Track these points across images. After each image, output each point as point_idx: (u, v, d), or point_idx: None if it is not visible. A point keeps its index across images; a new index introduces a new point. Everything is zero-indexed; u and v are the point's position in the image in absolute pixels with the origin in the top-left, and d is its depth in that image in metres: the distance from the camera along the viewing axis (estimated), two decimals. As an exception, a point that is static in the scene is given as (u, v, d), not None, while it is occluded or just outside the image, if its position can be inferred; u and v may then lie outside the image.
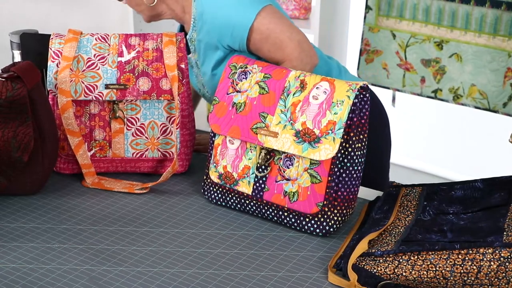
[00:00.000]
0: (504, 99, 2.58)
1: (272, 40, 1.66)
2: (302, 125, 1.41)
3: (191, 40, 1.76)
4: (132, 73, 1.60)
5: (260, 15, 1.66)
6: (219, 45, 1.71)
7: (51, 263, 1.33)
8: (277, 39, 1.66)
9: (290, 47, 1.66)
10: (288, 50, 1.66)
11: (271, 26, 1.66)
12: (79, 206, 1.54)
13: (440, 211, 1.41)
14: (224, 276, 1.30)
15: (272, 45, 1.67)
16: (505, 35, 2.52)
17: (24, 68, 1.50)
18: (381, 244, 1.31)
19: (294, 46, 1.66)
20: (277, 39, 1.66)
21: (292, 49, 1.66)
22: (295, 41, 1.67)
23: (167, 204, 1.55)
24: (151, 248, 1.38)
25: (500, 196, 1.40)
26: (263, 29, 1.66)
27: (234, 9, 1.66)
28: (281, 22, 1.68)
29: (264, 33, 1.66)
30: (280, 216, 1.46)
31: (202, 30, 1.71)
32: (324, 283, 1.29)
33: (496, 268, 1.19)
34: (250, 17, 1.65)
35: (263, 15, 1.66)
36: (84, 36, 1.64)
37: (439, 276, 1.22)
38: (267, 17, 1.66)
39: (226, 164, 1.50)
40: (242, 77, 1.50)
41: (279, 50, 1.67)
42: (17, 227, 1.45)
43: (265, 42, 1.67)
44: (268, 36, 1.66)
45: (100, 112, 1.63)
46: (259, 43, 1.67)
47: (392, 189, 1.54)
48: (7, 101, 1.47)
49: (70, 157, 1.64)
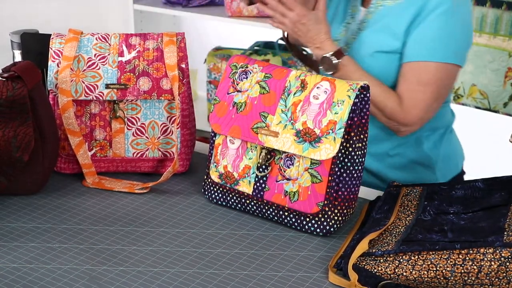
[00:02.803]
0: (505, 99, 2.58)
1: (418, 86, 1.64)
2: (303, 124, 1.41)
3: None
4: (132, 72, 1.60)
5: (444, 64, 1.63)
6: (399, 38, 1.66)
7: (52, 263, 1.33)
8: (420, 92, 1.64)
9: (418, 107, 1.65)
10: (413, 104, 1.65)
11: (434, 81, 1.64)
12: (79, 205, 1.54)
13: (440, 211, 1.41)
14: (225, 276, 1.30)
15: (414, 85, 1.64)
16: (506, 35, 2.52)
17: (25, 68, 1.50)
18: (382, 244, 1.31)
19: (421, 108, 1.65)
20: (420, 92, 1.64)
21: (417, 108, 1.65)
22: (428, 106, 1.65)
23: (167, 203, 1.55)
24: (151, 248, 1.38)
25: (500, 196, 1.40)
26: (429, 76, 1.64)
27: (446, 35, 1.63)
28: (441, 89, 1.66)
29: (423, 76, 1.64)
30: (281, 216, 1.46)
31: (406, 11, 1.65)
32: (324, 283, 1.29)
33: (497, 268, 1.18)
34: (440, 55, 1.63)
35: (443, 67, 1.64)
36: (84, 36, 1.64)
37: (440, 276, 1.22)
38: (442, 73, 1.64)
39: (227, 164, 1.50)
40: (242, 76, 1.50)
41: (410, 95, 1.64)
42: (18, 227, 1.45)
43: (413, 78, 1.64)
44: (421, 81, 1.64)
45: (101, 112, 1.63)
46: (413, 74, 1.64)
47: (393, 189, 1.54)
48: (7, 101, 1.47)
49: (70, 156, 1.64)
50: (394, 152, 1.79)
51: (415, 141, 1.79)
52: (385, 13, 1.71)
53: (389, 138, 1.77)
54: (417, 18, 1.65)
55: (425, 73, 1.65)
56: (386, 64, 1.70)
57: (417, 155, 1.79)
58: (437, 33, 1.64)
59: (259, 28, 3.02)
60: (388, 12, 1.70)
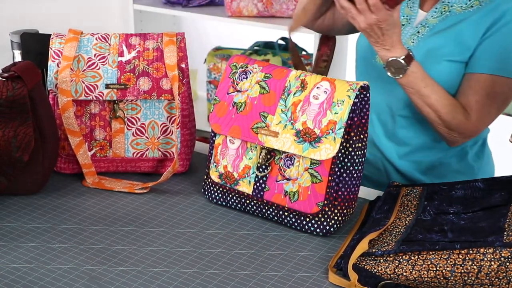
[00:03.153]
0: (505, 99, 2.57)
1: (487, 99, 1.59)
2: (303, 124, 1.41)
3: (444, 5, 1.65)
4: (132, 72, 1.60)
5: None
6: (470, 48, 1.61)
7: (52, 263, 1.33)
8: (487, 105, 1.59)
9: (485, 121, 1.62)
10: (481, 117, 1.61)
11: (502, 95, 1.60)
12: (79, 205, 1.54)
13: (440, 211, 1.41)
14: (225, 276, 1.30)
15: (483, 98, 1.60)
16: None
17: (25, 68, 1.50)
18: (382, 244, 1.31)
19: (487, 122, 1.63)
20: (487, 105, 1.59)
21: (483, 122, 1.62)
22: (492, 120, 1.63)
23: (167, 203, 1.55)
24: (151, 248, 1.38)
25: (500, 196, 1.40)
26: (499, 90, 1.59)
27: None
28: (506, 103, 1.63)
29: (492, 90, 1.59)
30: (281, 216, 1.46)
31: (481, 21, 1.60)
32: (324, 283, 1.29)
33: (497, 268, 1.18)
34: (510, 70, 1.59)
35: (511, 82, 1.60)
36: (84, 36, 1.64)
37: (440, 276, 1.22)
38: (510, 88, 1.61)
39: (227, 164, 1.50)
40: (242, 76, 1.50)
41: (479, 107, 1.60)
42: (18, 227, 1.45)
43: (483, 91, 1.59)
44: (490, 94, 1.59)
45: (101, 112, 1.63)
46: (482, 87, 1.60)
47: (393, 189, 1.54)
48: (7, 101, 1.47)
49: (70, 156, 1.64)
50: (439, 162, 1.75)
51: (461, 152, 1.76)
52: (454, 19, 1.64)
53: (435, 147, 1.74)
54: (491, 28, 1.60)
55: (495, 87, 1.59)
56: (451, 72, 1.64)
57: (461, 166, 1.76)
58: (510, 46, 1.59)
59: (259, 28, 3.02)
60: (457, 19, 1.64)
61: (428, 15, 1.68)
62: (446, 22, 1.65)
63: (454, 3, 1.66)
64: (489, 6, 1.62)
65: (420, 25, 1.69)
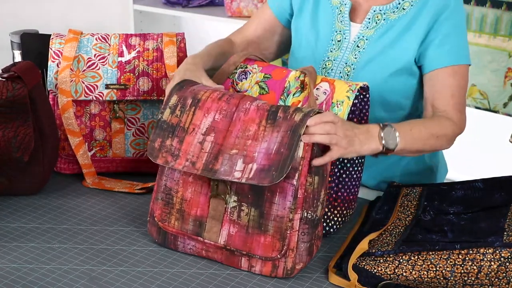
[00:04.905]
0: (505, 99, 2.58)
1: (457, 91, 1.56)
2: (303, 125, 1.41)
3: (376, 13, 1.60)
4: (132, 73, 1.60)
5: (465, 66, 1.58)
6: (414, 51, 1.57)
7: (52, 263, 1.33)
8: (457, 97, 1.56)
9: (463, 111, 1.58)
10: (460, 110, 1.57)
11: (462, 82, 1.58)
12: (79, 206, 1.54)
13: (440, 211, 1.41)
14: (224, 276, 1.30)
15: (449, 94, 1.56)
16: (506, 35, 2.52)
17: (25, 68, 1.50)
18: (382, 244, 1.31)
19: (464, 111, 1.58)
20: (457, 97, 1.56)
21: (463, 113, 1.58)
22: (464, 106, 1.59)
23: (167, 204, 1.55)
24: (151, 248, 1.38)
25: (500, 196, 1.40)
26: (458, 78, 1.56)
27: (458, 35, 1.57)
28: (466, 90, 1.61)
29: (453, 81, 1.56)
30: (281, 216, 1.45)
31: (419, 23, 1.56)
32: (324, 283, 1.29)
33: (497, 268, 1.19)
34: (459, 57, 1.57)
35: (465, 69, 1.58)
36: (84, 36, 1.64)
37: (440, 276, 1.22)
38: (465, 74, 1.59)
39: (227, 164, 1.50)
40: (242, 77, 1.50)
41: (453, 105, 1.56)
42: (18, 227, 1.45)
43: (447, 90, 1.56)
44: (452, 85, 1.56)
45: (101, 112, 1.63)
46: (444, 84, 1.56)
47: (393, 189, 1.54)
48: (7, 101, 1.47)
49: (70, 157, 1.64)
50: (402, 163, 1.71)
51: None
52: (390, 26, 1.59)
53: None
54: (434, 25, 1.56)
55: (456, 77, 1.57)
56: (406, 80, 1.60)
57: (419, 167, 1.72)
58: (453, 38, 1.57)
59: (259, 28, 3.01)
60: (394, 25, 1.58)
61: (362, 27, 1.60)
62: (383, 30, 1.59)
63: (386, 10, 1.60)
64: (422, 2, 1.57)
65: (357, 38, 1.61)
